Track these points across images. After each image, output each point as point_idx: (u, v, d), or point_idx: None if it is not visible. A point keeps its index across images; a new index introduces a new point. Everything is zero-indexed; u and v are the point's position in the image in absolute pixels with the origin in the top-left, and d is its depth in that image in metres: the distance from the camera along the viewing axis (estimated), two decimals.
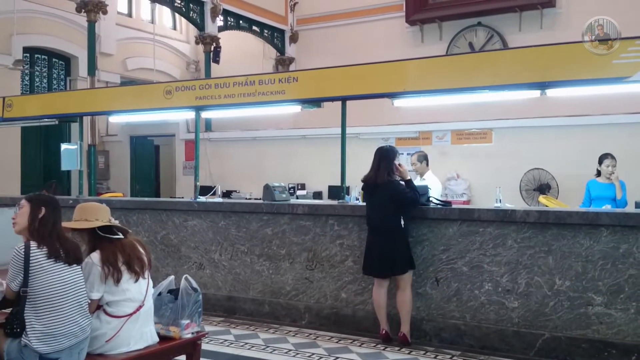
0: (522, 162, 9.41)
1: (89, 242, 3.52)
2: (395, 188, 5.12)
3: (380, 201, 5.13)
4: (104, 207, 3.58)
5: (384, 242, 5.05)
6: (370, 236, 5.22)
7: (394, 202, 5.08)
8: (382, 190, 5.12)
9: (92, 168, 8.77)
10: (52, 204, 3.36)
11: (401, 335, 5.09)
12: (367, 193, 5.31)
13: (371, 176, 5.23)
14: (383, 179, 5.13)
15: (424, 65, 5.87)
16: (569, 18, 11.90)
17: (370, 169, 5.28)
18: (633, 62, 4.59)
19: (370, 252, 5.19)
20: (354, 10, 14.23)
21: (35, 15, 12.45)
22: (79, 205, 3.60)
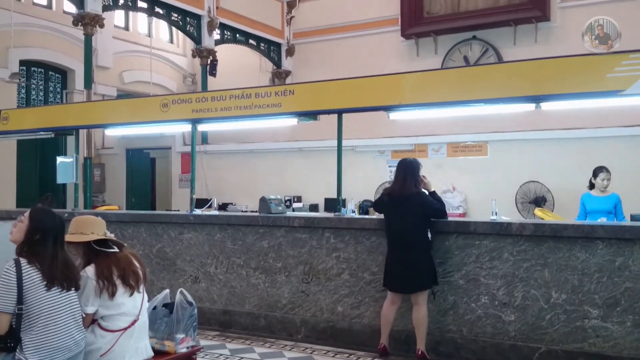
0: (517, 174, 9.45)
1: (84, 256, 3.50)
2: (424, 200, 5.06)
3: (407, 214, 4.99)
4: (99, 221, 3.57)
5: (411, 257, 4.93)
6: (394, 250, 5.06)
7: (422, 214, 5.01)
8: (409, 202, 5.02)
9: (88, 181, 8.77)
10: (54, 227, 3.29)
11: (419, 353, 4.96)
12: (391, 206, 5.13)
13: (396, 188, 5.12)
14: (411, 190, 5.07)
15: (420, 79, 5.90)
16: (564, 32, 12.01)
17: (394, 181, 5.19)
18: (627, 75, 4.62)
19: (393, 267, 5.04)
20: (350, 24, 14.34)
21: (32, 29, 12.48)
22: (74, 218, 3.58)
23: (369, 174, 10.48)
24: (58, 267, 3.21)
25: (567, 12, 12.14)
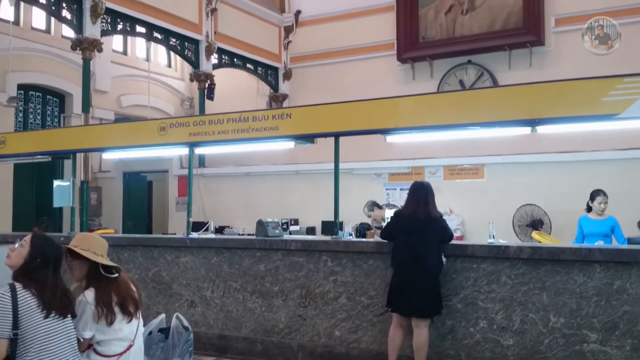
0: (514, 197, 9.46)
1: (86, 276, 3.43)
2: (443, 224, 5.05)
3: (428, 236, 4.94)
4: (104, 242, 3.54)
5: (423, 280, 4.87)
6: (403, 273, 4.97)
7: (442, 238, 5.00)
8: (432, 225, 4.98)
9: (84, 205, 8.74)
10: (55, 255, 3.26)
11: None
12: (411, 227, 5.01)
13: (415, 211, 5.03)
14: (435, 214, 5.04)
15: (416, 102, 5.94)
16: (558, 56, 12.15)
17: (410, 204, 5.11)
18: (622, 99, 4.65)
19: (402, 290, 4.95)
20: (346, 49, 14.47)
21: (31, 53, 12.57)
22: (82, 234, 3.54)
23: (366, 197, 10.45)
24: (57, 295, 3.18)
25: (561, 37, 12.28)
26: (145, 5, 11.42)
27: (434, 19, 13.29)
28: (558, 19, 12.32)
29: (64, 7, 10.25)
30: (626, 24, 11.54)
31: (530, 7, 12.24)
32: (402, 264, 5.01)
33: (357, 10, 14.35)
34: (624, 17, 11.53)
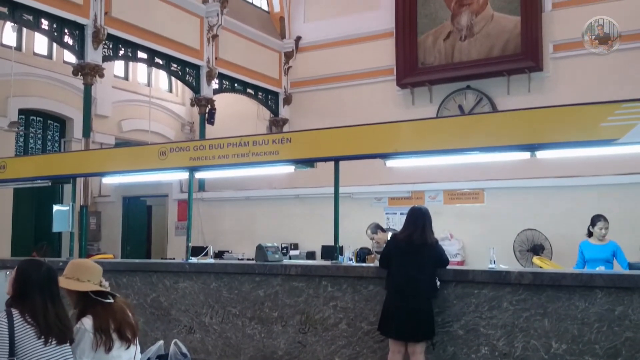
0: (514, 222, 9.42)
1: (79, 303, 3.41)
2: (439, 249, 5.09)
3: (425, 261, 4.96)
4: (97, 268, 3.51)
5: (414, 304, 4.86)
6: (395, 296, 4.95)
7: (438, 262, 5.02)
8: (429, 250, 5.01)
9: (84, 229, 8.73)
10: (40, 279, 3.19)
11: None
12: (407, 251, 5.02)
13: (411, 235, 5.04)
14: (432, 239, 5.07)
15: (416, 127, 5.96)
16: (556, 82, 12.24)
17: (406, 228, 5.12)
18: (621, 124, 4.67)
19: (393, 313, 4.92)
20: (346, 74, 14.59)
21: (32, 78, 12.65)
22: (72, 261, 3.52)
23: (366, 222, 10.41)
24: (51, 320, 3.13)
25: (559, 63, 12.39)
26: (147, 32, 11.54)
27: (432, 45, 13.42)
28: (556, 45, 12.44)
29: (66, 33, 10.36)
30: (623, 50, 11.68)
31: (528, 33, 12.36)
32: (395, 288, 5.02)
33: (356, 36, 14.50)
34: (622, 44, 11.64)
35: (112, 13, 10.82)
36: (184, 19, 12.54)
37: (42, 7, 9.84)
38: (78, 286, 3.36)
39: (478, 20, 12.95)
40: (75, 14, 10.29)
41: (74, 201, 8.05)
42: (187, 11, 12.64)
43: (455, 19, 13.20)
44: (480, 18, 12.94)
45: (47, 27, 10.13)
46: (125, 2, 11.13)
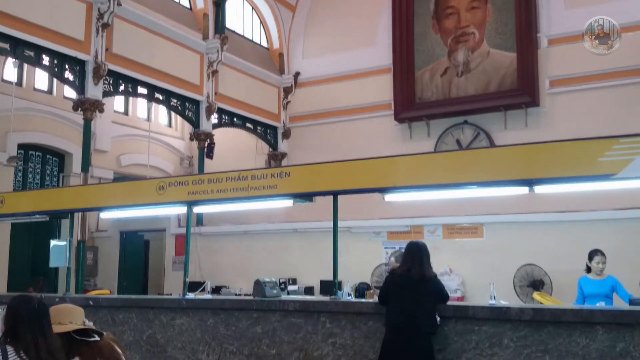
0: (514, 257, 9.38)
1: (64, 346, 3.36)
2: (438, 285, 5.03)
3: (423, 296, 4.89)
4: (78, 309, 3.48)
5: (413, 340, 4.79)
6: (395, 332, 4.88)
7: (437, 298, 4.96)
8: (427, 285, 4.94)
9: (80, 265, 8.67)
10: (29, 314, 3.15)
11: None
12: (405, 287, 4.96)
13: (410, 270, 4.99)
14: (430, 274, 5.01)
15: (414, 162, 5.98)
16: (553, 117, 12.34)
17: (409, 263, 5.06)
18: (619, 159, 4.68)
19: (392, 350, 4.84)
20: (344, 109, 14.72)
21: (32, 113, 12.74)
22: (51, 308, 3.47)
23: (365, 256, 10.40)
24: (43, 355, 3.09)
25: (556, 98, 12.51)
26: (147, 68, 11.68)
27: (429, 80, 13.57)
28: (552, 81, 12.58)
29: (67, 69, 10.46)
30: (619, 85, 11.84)
31: (525, 69, 12.51)
32: (394, 324, 4.95)
33: (354, 72, 14.68)
34: (618, 79, 11.84)
35: (113, 49, 10.96)
36: (185, 55, 12.70)
37: (44, 44, 9.96)
38: (60, 329, 3.32)
39: (474, 57, 13.13)
40: (76, 50, 10.42)
41: (72, 236, 8.01)
42: (188, 48, 12.81)
43: (452, 55, 13.39)
44: (476, 54, 13.13)
45: (48, 63, 10.23)
46: (127, 38, 11.28)
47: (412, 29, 13.80)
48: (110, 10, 10.70)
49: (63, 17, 10.21)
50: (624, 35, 11.78)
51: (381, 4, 14.56)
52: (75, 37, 10.39)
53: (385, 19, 14.41)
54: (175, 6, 13.11)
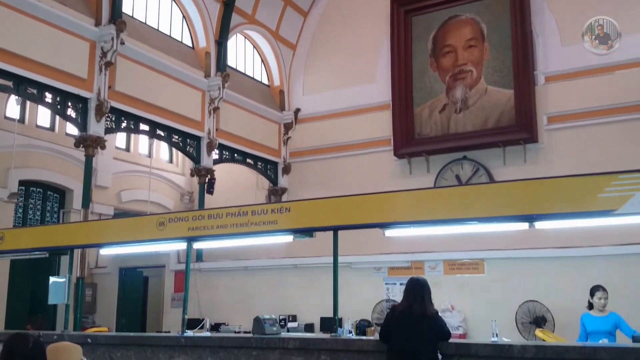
0: (516, 293, 9.30)
1: None
2: (440, 322, 4.98)
3: (425, 333, 4.84)
4: (75, 347, 3.45)
5: None
6: None
7: (438, 335, 4.90)
8: (429, 322, 4.89)
9: (79, 302, 8.61)
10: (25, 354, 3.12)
11: None
12: (407, 324, 4.91)
13: (411, 307, 4.94)
14: (432, 310, 4.96)
15: (414, 197, 5.99)
16: (551, 153, 12.42)
17: (411, 299, 5.01)
18: (618, 195, 4.69)
19: None
20: (344, 144, 14.83)
21: (34, 150, 12.81)
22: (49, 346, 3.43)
23: (365, 292, 10.32)
24: None
25: (554, 134, 12.62)
26: (149, 105, 11.81)
27: (428, 116, 13.71)
28: (550, 117, 12.71)
29: (70, 106, 10.57)
30: (617, 122, 11.95)
31: (522, 106, 12.65)
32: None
33: (354, 108, 14.85)
34: (615, 116, 11.96)
35: (115, 87, 11.11)
36: (187, 93, 12.86)
37: (47, 81, 10.09)
38: None
39: (472, 94, 13.29)
40: (79, 87, 10.55)
41: (71, 273, 7.98)
42: (190, 85, 12.99)
43: (450, 92, 13.55)
44: (474, 91, 13.29)
45: (50, 100, 10.34)
46: (129, 76, 11.43)
47: (411, 66, 14.02)
48: (113, 49, 10.88)
49: (67, 55, 10.37)
50: (620, 72, 12.01)
51: (380, 42, 14.81)
52: (79, 75, 10.53)
53: (384, 57, 14.65)
54: (178, 45, 13.33)
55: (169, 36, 13.18)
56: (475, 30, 13.49)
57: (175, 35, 13.39)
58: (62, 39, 10.36)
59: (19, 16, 9.69)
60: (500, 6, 13.22)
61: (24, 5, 9.73)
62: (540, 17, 13.12)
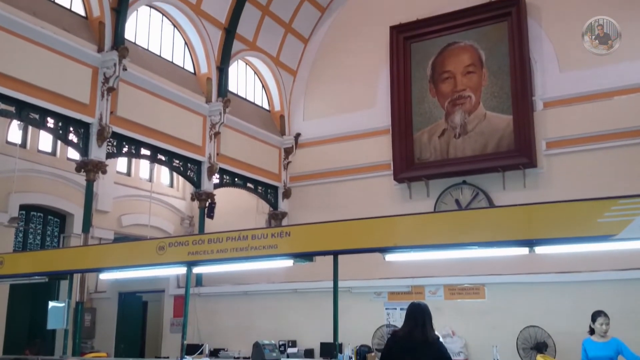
0: (517, 318, 9.24)
1: None
2: (441, 348, 4.93)
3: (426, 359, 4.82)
4: None
5: None
6: None
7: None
8: (430, 348, 4.85)
9: (78, 327, 8.57)
10: None
11: None
12: (401, 350, 4.89)
13: (412, 332, 4.91)
14: (433, 336, 4.92)
15: (414, 222, 6.00)
16: (551, 178, 12.47)
17: (412, 324, 4.98)
18: (617, 220, 4.70)
19: None
20: (344, 169, 14.89)
21: (35, 175, 12.85)
22: None
23: (366, 317, 10.25)
24: None
25: (553, 159, 12.68)
26: (151, 130, 11.90)
27: (428, 141, 13.79)
28: (549, 142, 12.78)
29: (71, 131, 10.64)
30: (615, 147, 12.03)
31: (521, 131, 12.74)
32: None
33: (354, 133, 14.95)
34: (613, 141, 12.05)
35: (117, 112, 11.19)
36: (188, 118, 12.96)
37: (49, 106, 10.17)
38: None
39: (471, 119, 13.39)
40: (81, 113, 10.63)
41: (70, 297, 7.96)
42: (191, 110, 13.09)
43: (449, 118, 13.66)
44: (473, 117, 13.40)
45: (52, 125, 10.41)
46: (131, 101, 11.53)
47: (410, 92, 14.16)
48: (116, 74, 10.99)
49: (69, 81, 10.47)
50: (618, 98, 12.13)
51: (379, 68, 14.97)
52: (81, 101, 10.62)
53: (383, 82, 14.80)
54: (180, 71, 13.47)
55: (170, 62, 13.33)
56: (473, 57, 13.64)
57: (177, 61, 13.53)
58: (65, 64, 10.47)
59: (23, 42, 9.81)
60: (498, 33, 13.40)
61: (28, 31, 9.85)
62: (537, 43, 13.29)
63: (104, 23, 11.19)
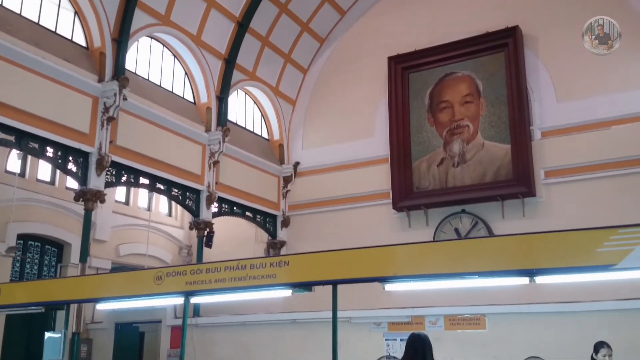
0: (517, 349, 9.12)
1: None
2: None
3: None
4: None
5: None
6: None
7: None
8: None
9: (74, 358, 8.44)
10: None
11: None
12: None
13: None
14: None
15: (414, 251, 5.96)
16: (550, 207, 12.46)
17: (407, 356, 4.99)
18: (617, 250, 4.67)
19: None
20: (343, 198, 14.87)
21: (33, 204, 12.83)
22: None
23: (365, 348, 10.13)
24: None
25: (552, 188, 12.69)
26: (150, 159, 11.91)
27: (426, 170, 13.81)
28: (547, 172, 12.81)
29: (70, 161, 10.64)
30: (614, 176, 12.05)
31: (520, 160, 12.77)
32: None
33: (353, 161, 14.99)
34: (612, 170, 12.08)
35: (117, 141, 11.21)
36: (187, 147, 12.99)
37: (48, 136, 10.19)
38: None
39: (469, 148, 13.44)
40: (80, 142, 10.65)
41: (67, 328, 7.86)
42: (191, 139, 13.13)
43: (448, 147, 13.71)
44: (471, 146, 13.45)
45: (52, 154, 10.41)
46: (131, 131, 11.56)
47: (408, 121, 14.23)
48: (116, 104, 11.05)
49: (69, 110, 10.51)
50: (616, 127, 12.20)
51: (378, 97, 15.09)
52: (80, 130, 10.65)
53: (382, 112, 14.89)
54: (180, 101, 13.55)
55: (170, 92, 13.41)
56: (471, 87, 13.76)
57: (177, 91, 13.63)
58: (66, 94, 10.53)
59: (24, 72, 9.88)
60: (495, 63, 13.53)
61: (30, 62, 9.93)
62: (534, 73, 13.41)
63: (104, 53, 11.29)
